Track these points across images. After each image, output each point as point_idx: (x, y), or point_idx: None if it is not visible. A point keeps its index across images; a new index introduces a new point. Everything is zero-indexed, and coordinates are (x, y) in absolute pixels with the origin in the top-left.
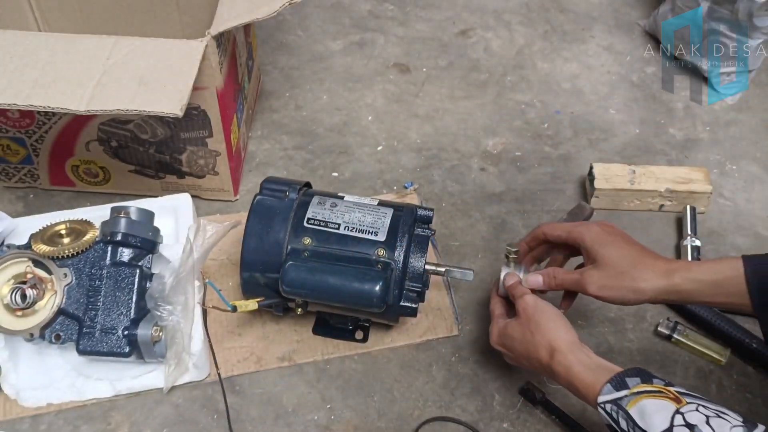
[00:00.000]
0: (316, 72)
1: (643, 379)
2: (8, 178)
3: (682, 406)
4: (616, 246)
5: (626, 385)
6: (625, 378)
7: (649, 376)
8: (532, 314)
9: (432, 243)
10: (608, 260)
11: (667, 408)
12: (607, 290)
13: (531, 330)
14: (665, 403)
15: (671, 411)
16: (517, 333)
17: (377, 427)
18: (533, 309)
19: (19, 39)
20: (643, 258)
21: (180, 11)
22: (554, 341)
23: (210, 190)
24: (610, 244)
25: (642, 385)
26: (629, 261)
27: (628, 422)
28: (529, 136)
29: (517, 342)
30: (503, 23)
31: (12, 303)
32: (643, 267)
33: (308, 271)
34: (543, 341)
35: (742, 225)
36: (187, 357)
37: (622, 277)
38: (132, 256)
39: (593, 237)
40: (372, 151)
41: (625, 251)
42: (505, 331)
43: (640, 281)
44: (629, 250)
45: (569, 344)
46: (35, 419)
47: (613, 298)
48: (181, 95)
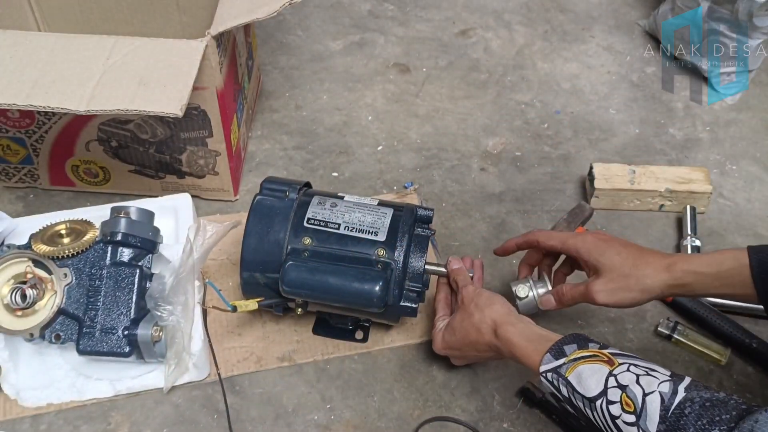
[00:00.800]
0: (316, 72)
1: (579, 345)
2: (8, 178)
3: (614, 368)
4: (614, 251)
5: (564, 353)
6: (563, 346)
7: (585, 340)
8: (471, 298)
9: (432, 243)
10: (609, 266)
11: (600, 371)
12: (616, 295)
13: (471, 312)
14: (599, 367)
15: (605, 373)
16: (457, 321)
17: (377, 427)
18: (472, 294)
19: (19, 39)
20: (643, 256)
21: (180, 11)
22: (493, 315)
23: (210, 190)
24: (608, 251)
25: (578, 351)
26: (630, 262)
27: (567, 388)
28: (529, 136)
29: (458, 331)
30: (503, 23)
31: (12, 303)
32: (645, 265)
33: (308, 271)
34: (484, 319)
35: (742, 225)
36: (187, 357)
37: (627, 280)
38: (132, 256)
39: (589, 247)
40: (372, 151)
41: (623, 254)
42: (447, 327)
43: (646, 279)
44: (627, 252)
45: (508, 316)
46: (35, 419)
47: (623, 301)
48: (181, 95)
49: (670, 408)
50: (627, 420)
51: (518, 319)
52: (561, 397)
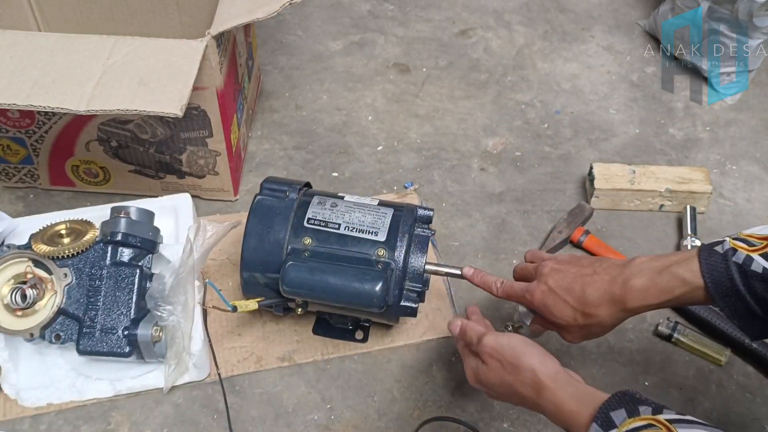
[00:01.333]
0: (316, 72)
1: (628, 411)
2: (8, 178)
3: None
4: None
5: (613, 423)
6: (609, 413)
7: (634, 403)
8: (504, 354)
9: (432, 243)
10: (565, 323)
11: None
12: (584, 338)
13: (509, 371)
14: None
15: None
16: (494, 378)
17: (377, 427)
18: (499, 348)
19: (19, 39)
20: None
21: (180, 11)
22: (535, 376)
23: (210, 190)
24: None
25: (629, 420)
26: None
27: None
28: (529, 136)
29: (497, 386)
30: (503, 23)
31: (12, 303)
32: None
33: (308, 271)
34: (526, 380)
35: (742, 225)
36: (187, 357)
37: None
38: (132, 256)
39: (539, 306)
40: (372, 151)
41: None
42: (480, 376)
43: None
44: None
45: (554, 377)
46: (35, 419)
47: (592, 338)
48: (181, 95)
49: None
50: None
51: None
52: None
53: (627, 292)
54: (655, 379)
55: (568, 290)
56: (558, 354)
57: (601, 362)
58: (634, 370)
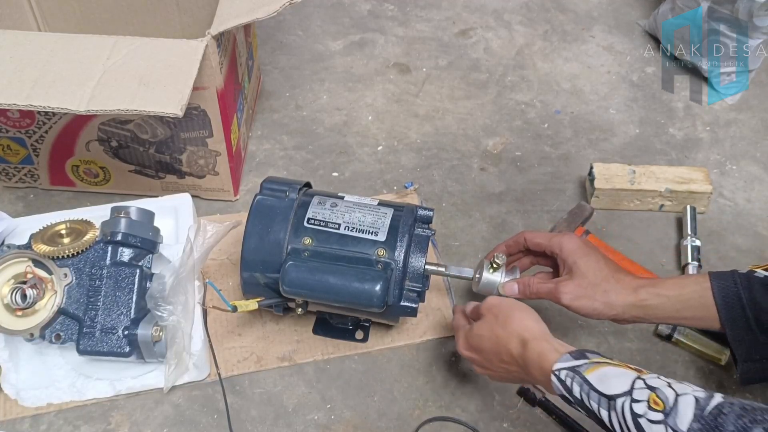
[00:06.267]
0: (316, 72)
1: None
2: (8, 178)
3: (643, 375)
4: (593, 259)
5: (585, 356)
6: (586, 352)
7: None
8: (500, 309)
9: (432, 243)
10: (583, 272)
11: (627, 375)
12: (579, 301)
13: (501, 323)
14: (626, 371)
15: (632, 377)
16: (486, 330)
17: (377, 427)
18: (500, 304)
19: (19, 39)
20: (615, 273)
21: (180, 11)
22: (526, 331)
23: (210, 190)
24: (587, 257)
25: (602, 357)
26: (602, 275)
27: (582, 386)
28: (529, 136)
29: (486, 339)
30: (503, 23)
31: (12, 303)
32: (615, 282)
33: (308, 271)
34: (514, 333)
35: (742, 225)
36: (187, 357)
37: (594, 290)
38: (132, 256)
39: (572, 248)
40: (372, 151)
41: (600, 265)
42: (472, 332)
43: (611, 294)
44: (605, 264)
45: (542, 333)
46: (35, 419)
47: (585, 309)
48: (181, 95)
49: (706, 408)
50: (652, 418)
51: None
52: (571, 398)
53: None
54: None
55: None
56: None
57: None
58: None
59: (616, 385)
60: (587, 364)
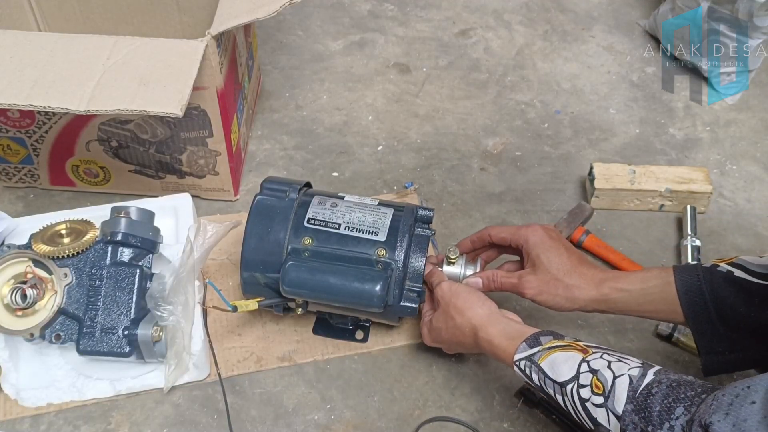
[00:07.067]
0: (316, 72)
1: (555, 337)
2: (8, 178)
3: (588, 356)
4: (555, 252)
5: (539, 342)
6: (539, 337)
7: (560, 335)
8: (449, 300)
9: (432, 243)
10: (546, 266)
11: (574, 358)
12: (542, 295)
13: (452, 315)
14: (573, 354)
15: (578, 360)
16: (441, 322)
17: (377, 427)
18: (449, 294)
19: (19, 39)
20: (579, 267)
21: (180, 11)
22: (473, 319)
23: (210, 190)
24: (550, 250)
25: (554, 341)
26: (565, 269)
27: (539, 375)
28: (529, 136)
29: (443, 331)
30: (503, 23)
31: (12, 303)
32: (578, 276)
33: (308, 271)
34: (464, 322)
35: (742, 225)
36: (187, 357)
37: (557, 284)
38: (132, 256)
39: (535, 241)
40: (372, 151)
41: (563, 258)
42: (432, 326)
43: (574, 289)
44: (568, 257)
45: (488, 318)
46: (35, 419)
47: (548, 303)
48: (181, 95)
49: (638, 389)
50: (596, 402)
51: (497, 318)
52: (533, 385)
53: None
54: None
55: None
56: None
57: None
58: None
59: (564, 371)
60: (540, 352)
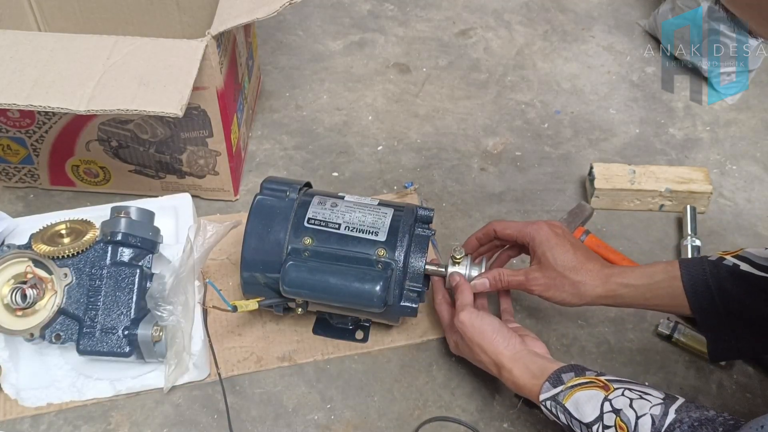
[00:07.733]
0: (316, 72)
1: (576, 373)
2: (8, 178)
3: (610, 393)
4: (562, 249)
5: (562, 380)
6: (561, 374)
7: (582, 369)
8: (471, 337)
9: (432, 243)
10: (552, 262)
11: (596, 397)
12: (549, 291)
13: (476, 352)
14: (595, 392)
15: (600, 399)
16: (467, 352)
17: (377, 427)
18: (471, 331)
19: (19, 39)
20: (585, 263)
21: (180, 11)
22: (497, 358)
23: (210, 190)
24: (557, 247)
25: (575, 378)
26: (572, 265)
27: (566, 415)
28: (529, 136)
29: (469, 358)
30: (503, 23)
31: (12, 303)
32: (585, 272)
33: (308, 271)
34: (489, 360)
35: (742, 225)
36: (187, 357)
37: (563, 281)
38: (132, 256)
39: (542, 238)
40: (372, 151)
41: (569, 255)
42: (459, 349)
43: (581, 286)
44: (574, 253)
45: (511, 357)
46: (35, 419)
47: (556, 299)
48: (181, 95)
49: (660, 429)
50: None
51: (521, 357)
52: (561, 424)
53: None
54: (655, 379)
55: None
56: (557, 354)
57: (601, 362)
58: (635, 370)
59: (588, 411)
60: (564, 392)
